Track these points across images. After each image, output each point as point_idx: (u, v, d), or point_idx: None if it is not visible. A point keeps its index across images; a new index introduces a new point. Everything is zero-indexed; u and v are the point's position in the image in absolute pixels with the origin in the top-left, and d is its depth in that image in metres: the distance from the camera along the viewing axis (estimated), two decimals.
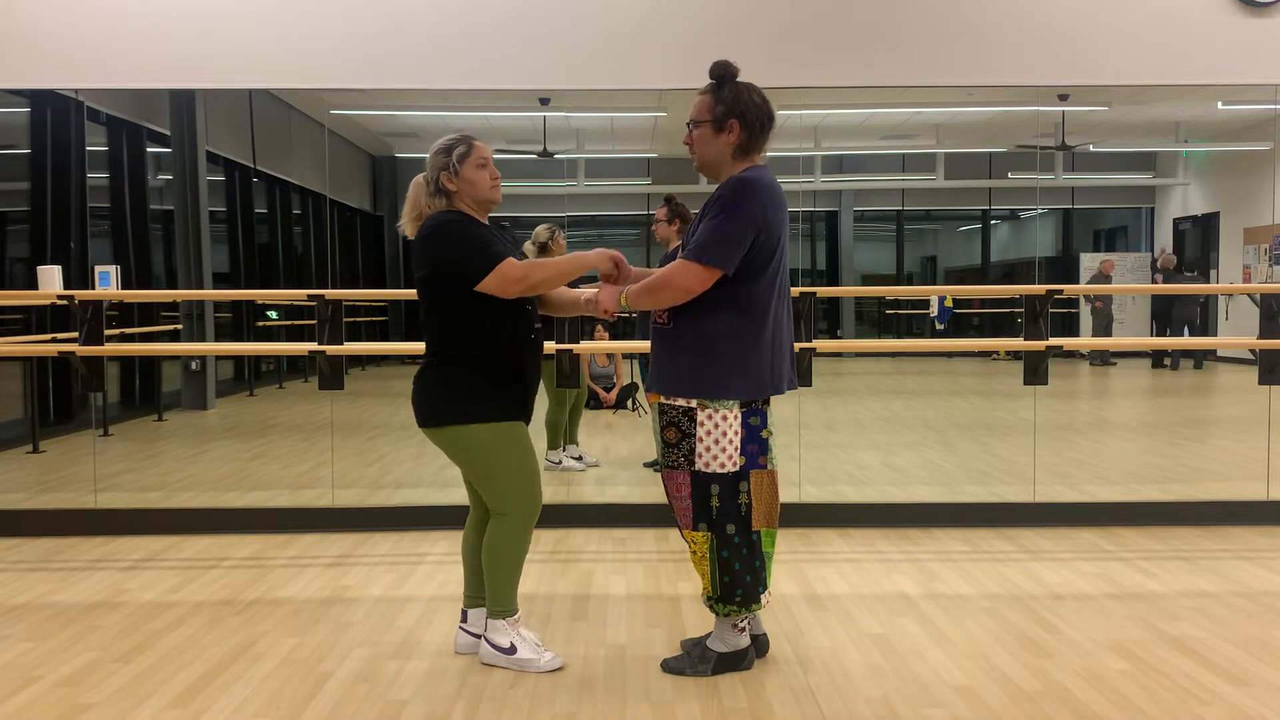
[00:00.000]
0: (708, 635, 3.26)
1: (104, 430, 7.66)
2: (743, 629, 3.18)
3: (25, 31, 5.07)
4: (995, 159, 10.98)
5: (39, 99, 7.71)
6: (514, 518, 3.20)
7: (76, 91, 7.25)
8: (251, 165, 9.17)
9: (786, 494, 5.36)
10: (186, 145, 8.82)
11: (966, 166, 11.04)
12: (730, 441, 3.07)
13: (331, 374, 4.94)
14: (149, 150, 8.96)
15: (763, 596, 3.16)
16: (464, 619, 3.42)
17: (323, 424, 7.85)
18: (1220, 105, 7.97)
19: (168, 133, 8.89)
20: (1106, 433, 8.26)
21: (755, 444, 3.12)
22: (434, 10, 5.16)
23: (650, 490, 5.93)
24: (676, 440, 3.10)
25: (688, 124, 3.18)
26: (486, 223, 3.28)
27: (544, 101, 6.81)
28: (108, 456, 7.03)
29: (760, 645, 3.31)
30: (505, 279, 3.09)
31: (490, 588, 3.25)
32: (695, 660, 3.17)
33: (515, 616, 3.27)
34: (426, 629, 3.63)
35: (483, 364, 3.18)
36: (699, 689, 3.07)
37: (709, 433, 3.06)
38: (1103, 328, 11.64)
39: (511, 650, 3.23)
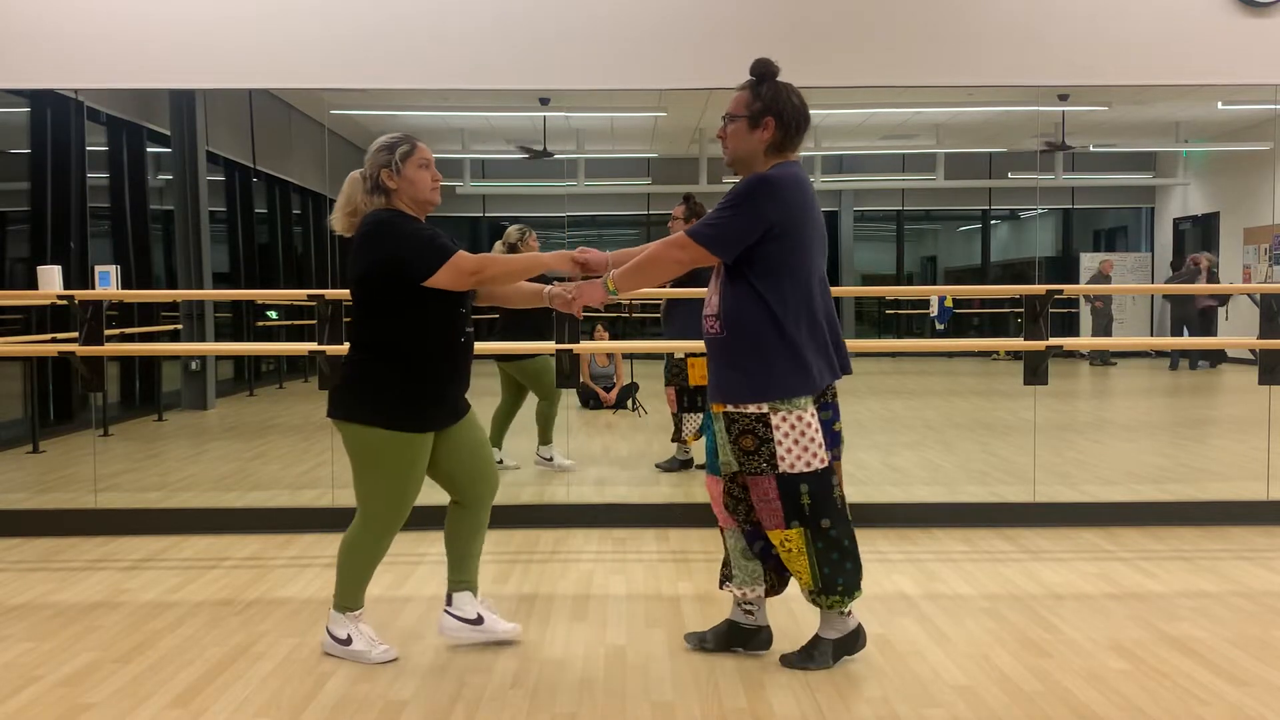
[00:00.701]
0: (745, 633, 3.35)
1: (104, 430, 7.66)
2: (847, 612, 3.20)
3: (25, 31, 5.07)
4: (995, 159, 10.97)
5: (39, 99, 7.70)
6: (371, 526, 3.27)
7: (76, 91, 7.24)
8: (251, 165, 9.17)
9: None
10: (186, 145, 8.82)
11: (966, 166, 11.03)
12: (813, 439, 3.09)
13: (331, 374, 4.94)
14: (149, 150, 8.96)
15: (861, 581, 3.19)
16: (449, 602, 3.46)
17: (323, 424, 7.83)
18: (1220, 105, 7.97)
19: (168, 133, 8.89)
20: (1106, 433, 8.26)
21: (829, 437, 3.16)
22: (434, 10, 5.16)
23: (650, 490, 5.93)
24: (755, 447, 3.09)
25: (723, 117, 3.20)
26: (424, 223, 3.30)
27: (544, 101, 6.81)
28: (108, 456, 7.02)
29: (763, 638, 3.32)
30: (460, 270, 3.11)
31: (338, 582, 3.34)
32: (813, 653, 3.20)
33: (357, 612, 3.34)
34: (427, 629, 3.63)
35: (407, 367, 3.19)
36: (699, 689, 3.07)
37: (787, 434, 3.07)
38: (1103, 328, 11.63)
39: (347, 641, 3.31)
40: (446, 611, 3.45)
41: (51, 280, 5.00)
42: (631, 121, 8.16)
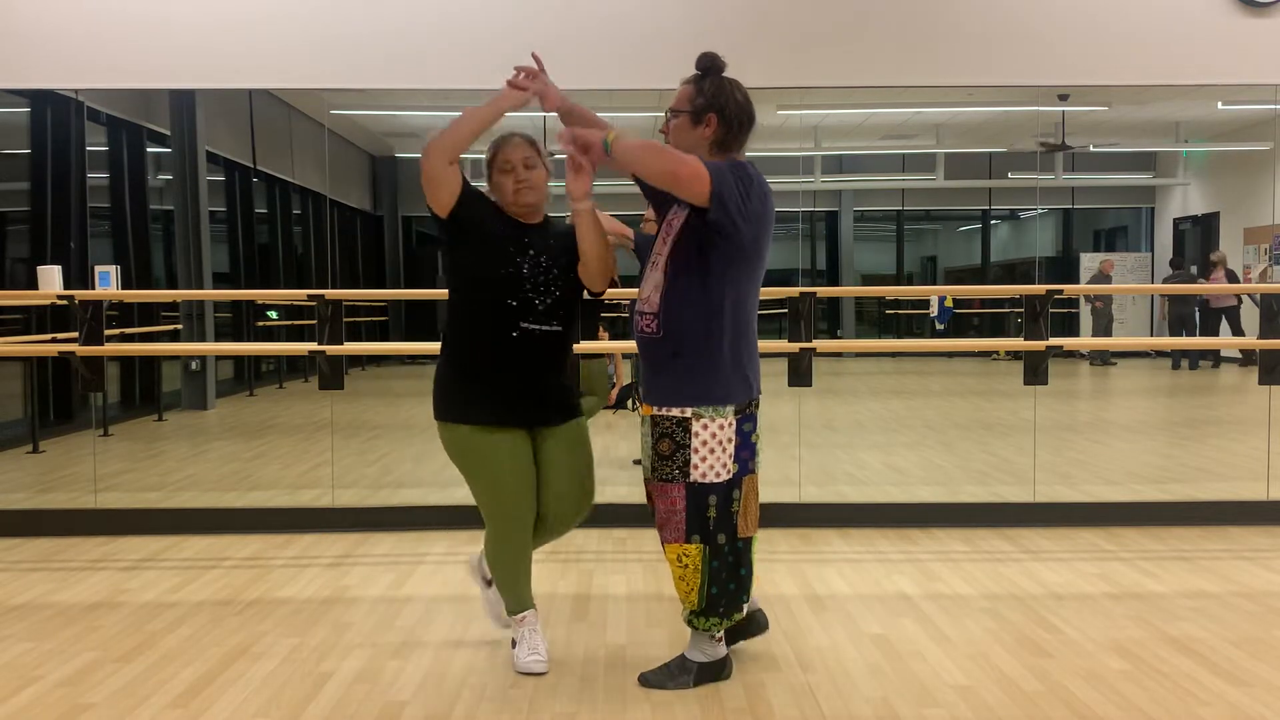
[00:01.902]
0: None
1: (104, 430, 7.66)
2: (719, 639, 3.13)
3: (25, 31, 5.07)
4: (995, 159, 10.98)
5: (39, 99, 7.70)
6: (489, 524, 3.20)
7: (76, 91, 7.24)
8: (251, 165, 9.17)
9: (787, 494, 5.38)
10: (186, 145, 8.82)
11: (966, 166, 11.04)
12: (724, 449, 3.01)
13: (331, 374, 4.94)
14: (149, 150, 8.96)
15: (744, 604, 3.13)
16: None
17: (323, 424, 7.84)
18: (1220, 105, 7.97)
19: (168, 133, 8.89)
20: (1106, 433, 8.26)
21: (747, 450, 3.06)
22: (434, 10, 5.15)
23: None
24: (670, 452, 3.01)
25: (666, 111, 3.11)
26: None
27: None
28: (108, 456, 7.03)
29: (760, 622, 3.31)
30: (423, 174, 3.02)
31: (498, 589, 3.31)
32: (675, 672, 3.10)
33: (520, 615, 3.25)
34: (426, 629, 3.63)
35: (452, 360, 3.18)
36: (699, 689, 3.07)
37: (704, 443, 2.99)
38: (1103, 328, 11.64)
39: (513, 645, 3.28)
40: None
41: (51, 280, 5.00)
42: (631, 121, 8.16)
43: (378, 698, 3.03)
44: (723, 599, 3.06)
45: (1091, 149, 9.38)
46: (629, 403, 9.18)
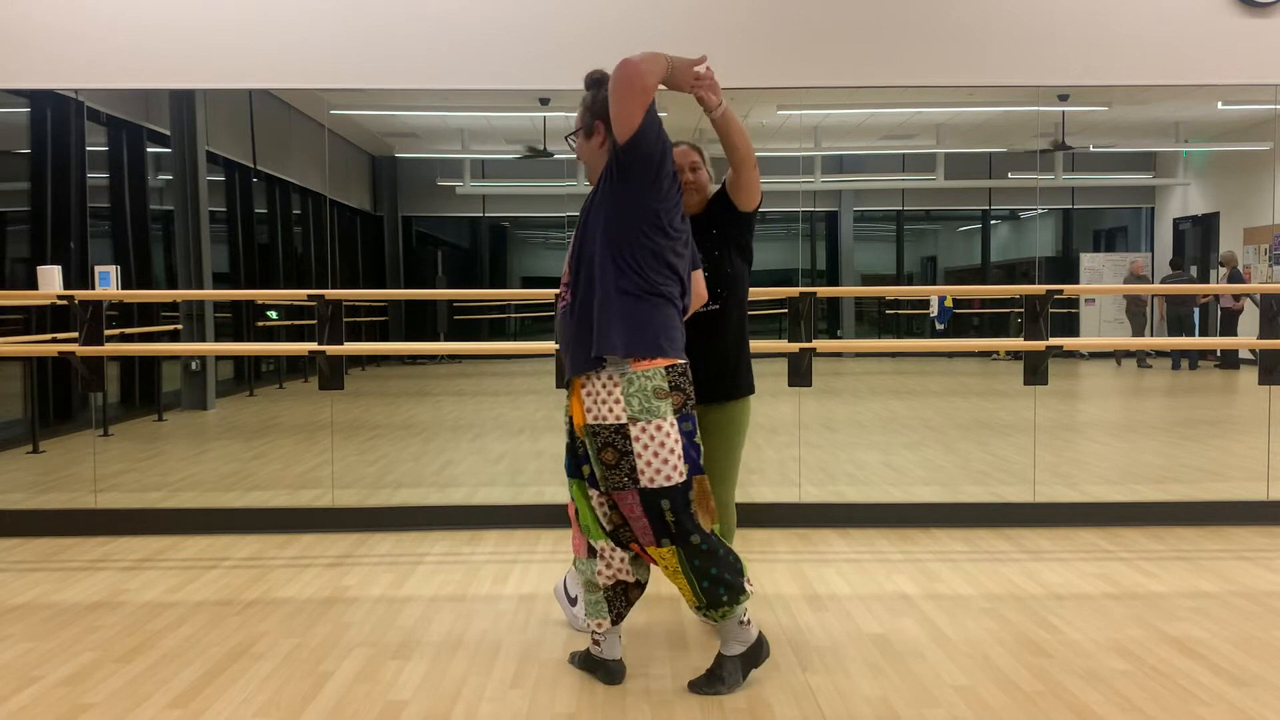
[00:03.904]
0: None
1: (104, 430, 7.66)
2: (745, 622, 3.10)
3: (24, 31, 5.07)
4: (995, 159, 10.98)
5: (39, 99, 7.71)
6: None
7: (76, 91, 7.25)
8: (251, 165, 9.17)
9: (787, 494, 5.39)
10: (186, 145, 8.82)
11: (966, 166, 11.04)
12: (672, 451, 2.95)
13: (331, 374, 4.94)
14: (149, 150, 8.96)
15: (745, 582, 3.05)
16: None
17: (323, 424, 7.85)
18: (1220, 105, 7.97)
19: (168, 133, 8.89)
20: (1107, 433, 8.26)
21: (694, 449, 3.02)
22: (434, 10, 5.16)
23: None
24: (615, 461, 2.95)
25: (566, 137, 3.22)
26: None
27: (544, 101, 6.81)
28: (108, 456, 7.02)
29: (610, 670, 3.16)
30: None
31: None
32: (721, 673, 3.07)
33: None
34: (426, 629, 3.63)
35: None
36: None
37: (646, 447, 2.93)
38: (1139, 328, 11.60)
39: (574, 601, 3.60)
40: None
41: (51, 280, 5.00)
42: None
43: (378, 698, 3.03)
44: (720, 589, 3.00)
45: (1091, 149, 9.39)
46: None
